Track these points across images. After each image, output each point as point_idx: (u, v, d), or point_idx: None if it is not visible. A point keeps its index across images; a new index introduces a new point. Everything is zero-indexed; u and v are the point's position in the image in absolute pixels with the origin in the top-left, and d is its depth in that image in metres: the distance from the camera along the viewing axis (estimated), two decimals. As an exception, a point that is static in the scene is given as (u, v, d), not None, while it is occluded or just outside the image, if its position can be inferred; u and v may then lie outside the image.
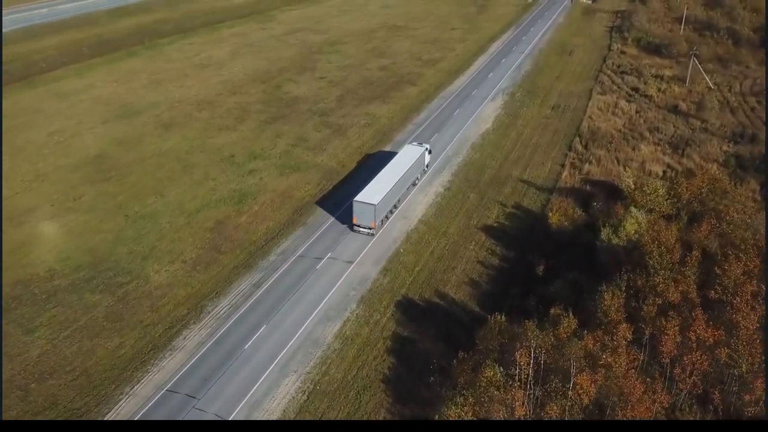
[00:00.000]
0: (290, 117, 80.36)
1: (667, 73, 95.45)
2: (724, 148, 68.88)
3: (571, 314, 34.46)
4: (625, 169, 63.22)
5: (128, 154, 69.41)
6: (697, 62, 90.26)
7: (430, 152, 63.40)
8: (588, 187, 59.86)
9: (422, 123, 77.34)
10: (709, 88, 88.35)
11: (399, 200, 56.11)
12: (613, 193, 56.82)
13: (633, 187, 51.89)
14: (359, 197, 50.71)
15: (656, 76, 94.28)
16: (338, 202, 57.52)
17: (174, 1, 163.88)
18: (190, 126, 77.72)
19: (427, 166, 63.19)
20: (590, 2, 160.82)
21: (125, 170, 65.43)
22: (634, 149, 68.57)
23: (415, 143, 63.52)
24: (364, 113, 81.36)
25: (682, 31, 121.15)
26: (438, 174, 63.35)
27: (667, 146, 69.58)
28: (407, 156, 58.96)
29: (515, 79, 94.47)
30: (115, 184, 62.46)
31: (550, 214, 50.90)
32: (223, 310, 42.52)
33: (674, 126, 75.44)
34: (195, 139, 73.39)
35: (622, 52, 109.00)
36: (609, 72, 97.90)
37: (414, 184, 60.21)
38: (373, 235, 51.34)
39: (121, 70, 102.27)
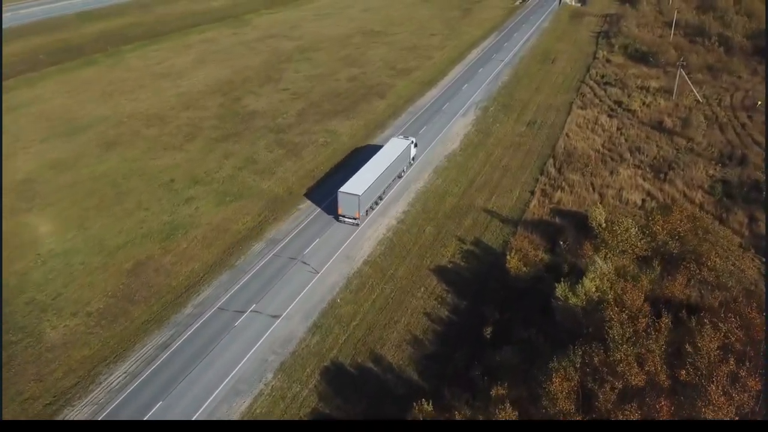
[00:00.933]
0: (244, 134, 74.31)
1: (654, 84, 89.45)
2: (711, 171, 62.89)
3: (508, 407, 28.39)
4: (600, 199, 57.28)
5: (59, 178, 63.35)
6: (684, 74, 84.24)
7: (416, 145, 64.60)
8: (557, 220, 53.86)
9: (384, 142, 71.16)
10: (697, 102, 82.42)
11: (384, 192, 57.60)
12: (584, 227, 50.78)
13: (603, 225, 45.90)
14: (344, 188, 51.84)
15: (642, 88, 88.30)
16: (276, 238, 51.55)
17: (149, 3, 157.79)
18: (134, 145, 71.64)
19: (413, 158, 64.49)
20: (579, 5, 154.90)
21: (51, 198, 59.37)
22: (612, 173, 62.56)
23: (401, 136, 65.13)
24: (324, 130, 75.31)
25: (672, 36, 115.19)
26: (393, 204, 57.34)
27: (648, 169, 63.57)
28: (392, 149, 60.16)
29: (491, 91, 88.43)
30: (37, 215, 56.40)
31: (509, 257, 44.88)
32: (118, 379, 36.51)
33: (657, 145, 69.47)
34: (136, 161, 67.31)
35: (608, 61, 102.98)
36: (592, 83, 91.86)
37: (400, 177, 61.63)
38: (358, 225, 52.53)
39: (75, 81, 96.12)
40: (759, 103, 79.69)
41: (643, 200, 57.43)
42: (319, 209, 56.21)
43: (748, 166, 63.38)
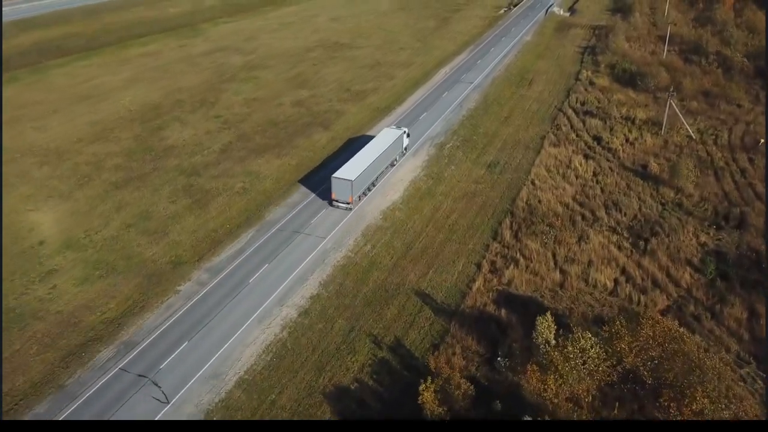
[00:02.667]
0: (149, 177, 62.46)
1: (641, 114, 77.54)
2: (702, 238, 51.05)
3: None
4: (562, 279, 45.45)
5: None
6: (675, 106, 72.35)
7: (408, 135, 66.07)
8: (504, 312, 42.01)
9: (315, 189, 59.41)
10: (690, 138, 70.60)
11: (377, 178, 59.24)
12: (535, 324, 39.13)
13: (552, 344, 34.11)
14: (337, 174, 53.83)
15: (626, 119, 76.45)
16: (133, 340, 39.64)
17: (98, 10, 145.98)
18: (15, 190, 59.86)
19: (405, 148, 65.95)
20: (567, 14, 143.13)
21: None
22: (581, 239, 50.71)
23: (393, 126, 67.16)
24: (245, 172, 63.43)
25: (665, 53, 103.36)
26: (301, 284, 45.43)
27: (626, 234, 51.69)
28: (385, 138, 61.90)
29: (452, 122, 76.51)
30: None
31: (424, 387, 32.89)
32: None
33: (640, 198, 57.60)
34: (8, 215, 55.42)
35: (591, 83, 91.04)
36: (570, 112, 79.95)
37: (392, 165, 63.23)
38: (350, 209, 54.51)
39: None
40: (762, 141, 67.96)
41: (616, 281, 45.60)
42: (204, 289, 44.39)
43: (747, 230, 51.57)
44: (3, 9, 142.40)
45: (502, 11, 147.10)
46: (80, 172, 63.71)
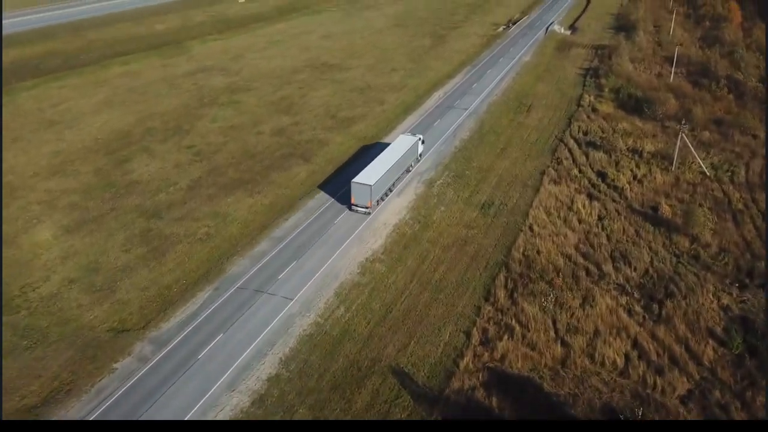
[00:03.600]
0: (105, 220, 56.27)
1: (649, 146, 71.44)
2: (725, 300, 44.63)
3: None
4: (564, 354, 38.99)
5: None
6: (686, 139, 66.15)
7: (423, 142, 66.77)
8: (495, 400, 35.51)
9: (286, 236, 53.13)
10: (704, 175, 64.38)
11: (393, 184, 60.13)
12: (535, 409, 32.74)
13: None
14: (357, 179, 54.79)
15: (633, 152, 70.31)
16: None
17: (84, 26, 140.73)
18: (-47, 235, 53.67)
19: (420, 155, 66.89)
20: (568, 33, 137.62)
21: None
22: (585, 301, 44.30)
23: (408, 133, 67.67)
24: (212, 213, 57.20)
25: (672, 77, 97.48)
26: (258, 360, 38.91)
27: (636, 294, 45.30)
28: (401, 144, 62.96)
29: (443, 154, 70.39)
30: None
31: None
32: None
33: (650, 248, 51.24)
34: (-62, 265, 49.20)
35: (594, 110, 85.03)
36: (572, 143, 73.83)
37: (408, 171, 64.16)
38: (369, 213, 55.32)
39: (-59, 129, 78.28)
40: (783, 180, 61.77)
41: (627, 357, 39.12)
42: (144, 368, 37.92)
43: (776, 289, 45.20)
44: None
45: (500, 29, 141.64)
46: (30, 213, 57.58)
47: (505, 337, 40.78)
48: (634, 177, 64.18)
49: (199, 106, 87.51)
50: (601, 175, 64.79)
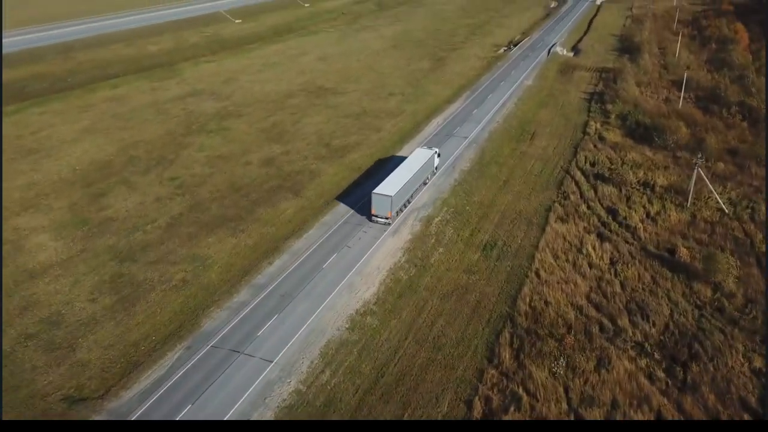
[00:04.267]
0: (74, 263, 51.74)
1: (661, 179, 67.04)
2: (757, 363, 39.85)
3: None
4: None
5: None
6: (702, 173, 61.80)
7: (439, 155, 68.65)
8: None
9: (269, 283, 48.51)
10: (722, 213, 59.88)
11: (411, 196, 61.01)
12: None
13: None
14: (377, 190, 55.84)
15: (645, 185, 65.90)
16: None
17: (75, 47, 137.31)
18: None
19: (436, 168, 68.30)
20: (570, 55, 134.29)
21: None
22: (599, 364, 39.54)
23: (425, 147, 69.73)
24: (190, 256, 52.64)
25: (680, 102, 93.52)
26: (230, 438, 34.09)
27: (657, 355, 40.54)
28: (418, 157, 64.08)
29: (442, 188, 65.99)
30: None
31: None
32: None
33: (669, 299, 46.56)
34: None
35: (601, 138, 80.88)
36: (579, 175, 69.51)
37: (424, 183, 65.22)
38: (389, 224, 56.05)
39: None
40: (808, 219, 57.25)
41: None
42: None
43: (813, 349, 40.44)
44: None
45: (501, 50, 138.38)
46: (-7, 255, 53.03)
47: (511, 408, 35.98)
48: (647, 214, 59.68)
49: (186, 133, 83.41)
50: (612, 212, 60.31)
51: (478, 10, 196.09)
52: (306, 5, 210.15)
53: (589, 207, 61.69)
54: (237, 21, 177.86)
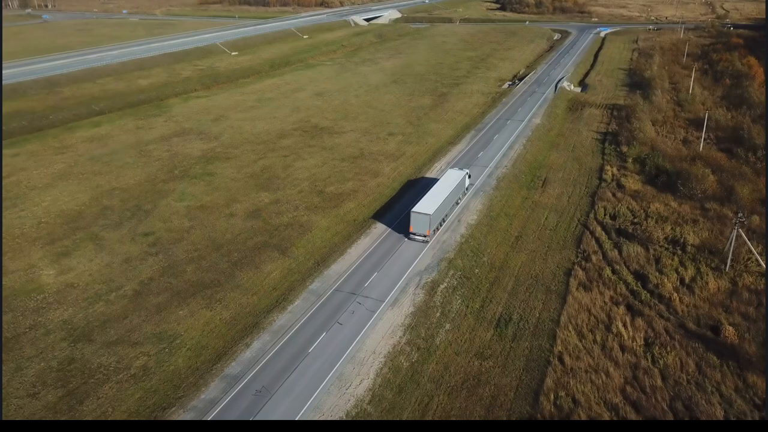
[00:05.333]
0: (19, 343, 44.36)
1: (691, 236, 59.93)
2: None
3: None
4: None
5: None
6: (741, 232, 54.74)
7: (469, 176, 70.45)
8: None
9: (243, 374, 41.01)
10: (765, 277, 52.58)
11: (446, 215, 62.60)
12: None
13: None
14: (416, 208, 58.10)
15: (674, 243, 58.86)
16: None
17: (61, 81, 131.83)
18: None
19: (466, 188, 69.86)
20: (578, 90, 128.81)
21: None
22: (647, 491, 31.78)
23: (456, 168, 70.75)
24: (156, 334, 45.24)
25: (701, 144, 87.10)
26: None
27: (716, 477, 32.83)
28: (451, 178, 65.80)
29: (447, 245, 58.86)
30: None
31: None
32: None
33: (721, 396, 38.96)
34: None
35: (619, 186, 74.15)
36: (599, 230, 62.51)
37: (457, 203, 66.58)
38: (427, 242, 57.96)
39: None
40: None
41: None
42: None
43: None
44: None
45: (506, 86, 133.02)
46: (-73, 332, 45.66)
47: None
48: (681, 281, 52.37)
49: (167, 178, 76.77)
50: (641, 278, 53.04)
51: (480, 43, 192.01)
52: (305, 37, 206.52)
53: (614, 271, 54.44)
54: (233, 53, 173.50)
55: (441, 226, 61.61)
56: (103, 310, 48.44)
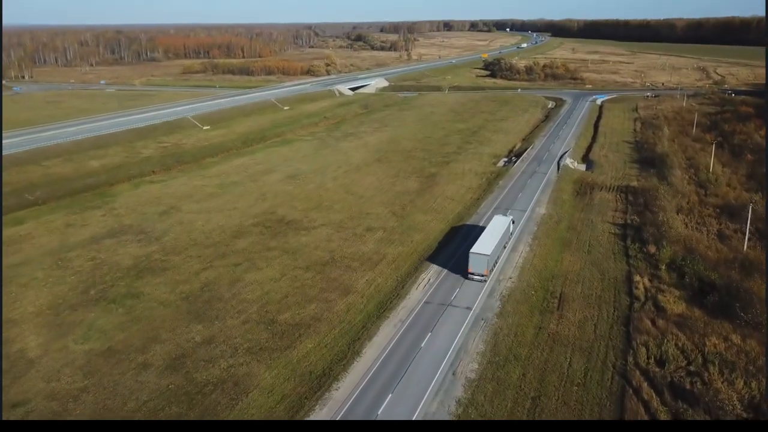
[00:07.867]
0: None
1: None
2: None
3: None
4: None
5: None
6: None
7: (514, 222, 75.00)
8: None
9: None
10: None
11: (498, 257, 66.11)
12: None
13: None
14: (474, 249, 61.63)
15: (755, 409, 41.60)
16: None
17: (5, 164, 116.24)
18: None
19: (511, 234, 73.46)
20: (583, 168, 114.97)
21: None
22: None
23: (501, 214, 76.18)
24: None
25: (746, 243, 71.52)
26: None
27: None
28: (499, 223, 70.80)
29: (437, 408, 41.25)
30: None
31: None
32: None
33: None
34: None
35: (658, 307, 57.59)
36: (645, 385, 45.36)
37: (504, 247, 69.65)
38: (485, 281, 60.98)
39: None
40: None
41: None
42: None
43: None
44: None
45: (501, 163, 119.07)
46: None
47: None
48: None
49: (78, 303, 59.74)
50: (726, 485, 35.45)
51: (471, 113, 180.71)
52: (286, 108, 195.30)
53: (681, 468, 36.88)
54: (205, 128, 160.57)
55: (495, 265, 64.63)
56: None
